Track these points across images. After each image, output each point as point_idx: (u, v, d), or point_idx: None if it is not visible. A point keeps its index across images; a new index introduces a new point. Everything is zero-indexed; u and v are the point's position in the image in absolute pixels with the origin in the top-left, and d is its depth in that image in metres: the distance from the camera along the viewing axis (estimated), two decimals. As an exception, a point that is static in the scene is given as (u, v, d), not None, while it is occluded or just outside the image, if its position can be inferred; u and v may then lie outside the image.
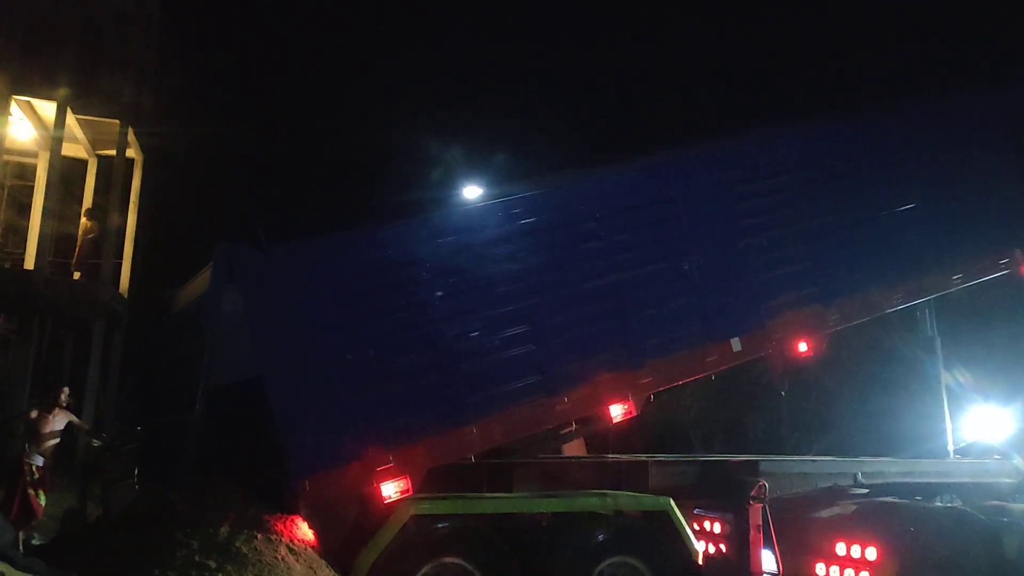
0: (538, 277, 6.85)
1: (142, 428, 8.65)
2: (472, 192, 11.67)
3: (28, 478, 8.26)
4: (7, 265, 16.78)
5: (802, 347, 7.82)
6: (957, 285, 8.76)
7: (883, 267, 8.30)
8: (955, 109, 9.18)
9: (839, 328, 8.13)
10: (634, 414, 7.08)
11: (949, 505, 7.97)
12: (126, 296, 17.78)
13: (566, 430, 7.49)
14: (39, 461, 8.35)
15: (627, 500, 6.88)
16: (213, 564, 5.20)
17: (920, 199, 8.59)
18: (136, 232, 18.17)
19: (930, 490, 8.10)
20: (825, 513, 7.28)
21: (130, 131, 17.05)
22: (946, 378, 9.46)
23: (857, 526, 6.94)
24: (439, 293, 6.53)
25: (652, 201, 7.48)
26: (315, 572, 5.44)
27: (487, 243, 6.79)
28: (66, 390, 8.92)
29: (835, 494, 7.62)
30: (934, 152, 8.80)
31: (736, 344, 7.49)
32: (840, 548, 6.84)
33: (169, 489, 6.53)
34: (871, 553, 6.66)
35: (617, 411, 7.03)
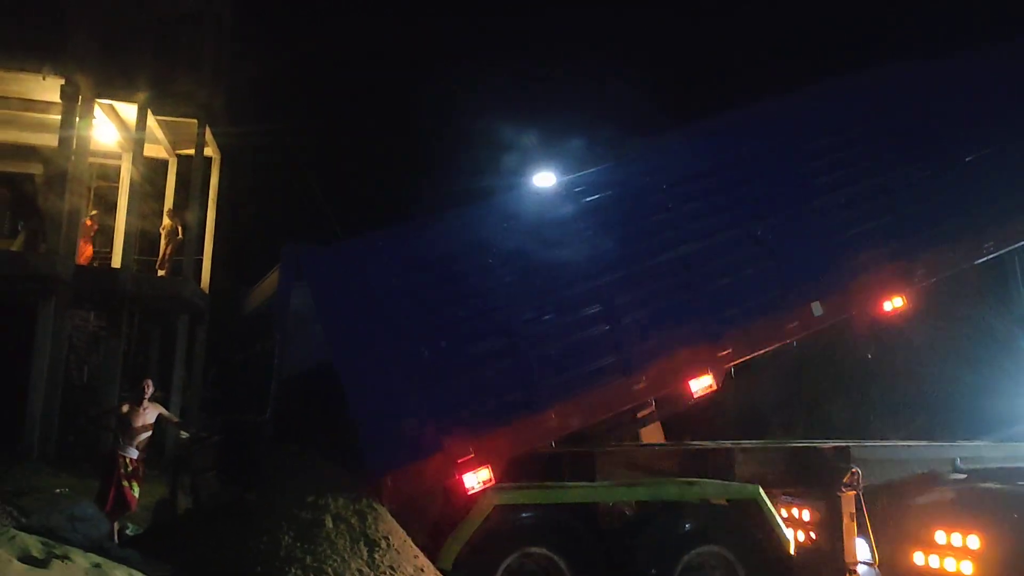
0: (608, 254, 6.71)
1: (221, 422, 8.82)
2: (545, 179, 11.54)
3: (123, 470, 8.49)
4: (95, 264, 17.37)
5: (887, 306, 7.52)
6: None
7: (969, 215, 7.88)
8: None
9: (926, 283, 7.79)
10: (715, 388, 6.88)
11: (1055, 490, 7.58)
12: (207, 291, 18.27)
13: (644, 413, 7.35)
14: (133, 454, 8.58)
15: (714, 488, 6.73)
16: (300, 555, 5.24)
17: (1003, 139, 8.18)
18: (215, 229, 18.67)
19: (1033, 475, 7.72)
20: (922, 500, 6.99)
21: (207, 130, 17.47)
22: (1044, 356, 9.01)
23: (958, 513, 6.64)
24: (508, 278, 6.47)
25: (720, 166, 7.25)
26: (402, 563, 5.42)
27: (553, 224, 6.69)
28: (149, 382, 9.10)
29: (932, 480, 7.29)
30: (1013, 88, 8.37)
31: (817, 308, 7.21)
32: (940, 536, 6.56)
33: (245, 487, 6.62)
34: (973, 541, 6.37)
35: (697, 387, 6.82)
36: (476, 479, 6.08)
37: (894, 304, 7.53)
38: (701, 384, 6.84)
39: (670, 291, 6.85)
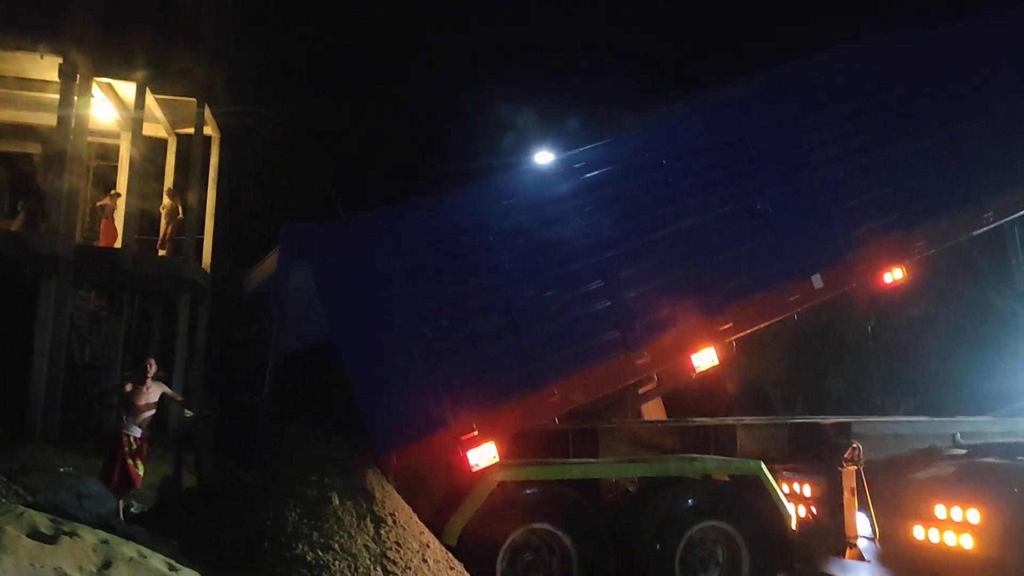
0: (608, 230, 6.74)
1: (219, 402, 8.85)
2: (545, 157, 11.53)
3: (126, 449, 8.50)
4: (96, 244, 17.35)
5: (887, 278, 7.57)
6: None
7: (968, 185, 7.90)
8: None
9: (926, 254, 7.82)
10: (717, 363, 6.94)
11: (1054, 465, 7.62)
12: (208, 271, 18.27)
13: (646, 388, 7.40)
14: (136, 432, 8.60)
15: (716, 464, 6.78)
16: (306, 531, 5.28)
17: (1002, 109, 8.16)
18: (216, 208, 18.62)
19: (1033, 449, 7.75)
20: (922, 475, 7.03)
21: (207, 109, 17.38)
22: (1044, 332, 9.05)
23: (958, 488, 6.68)
24: (509, 256, 6.49)
25: (718, 140, 7.26)
26: (408, 539, 5.46)
27: (552, 201, 6.70)
28: (152, 361, 9.11)
29: (932, 455, 7.35)
30: (1012, 57, 8.33)
31: (817, 280, 7.27)
32: (940, 511, 6.60)
33: (241, 467, 6.66)
34: (973, 515, 6.41)
35: (699, 361, 6.89)
36: (480, 456, 6.13)
37: (894, 276, 7.57)
38: (703, 358, 6.88)
39: (670, 266, 6.88)
